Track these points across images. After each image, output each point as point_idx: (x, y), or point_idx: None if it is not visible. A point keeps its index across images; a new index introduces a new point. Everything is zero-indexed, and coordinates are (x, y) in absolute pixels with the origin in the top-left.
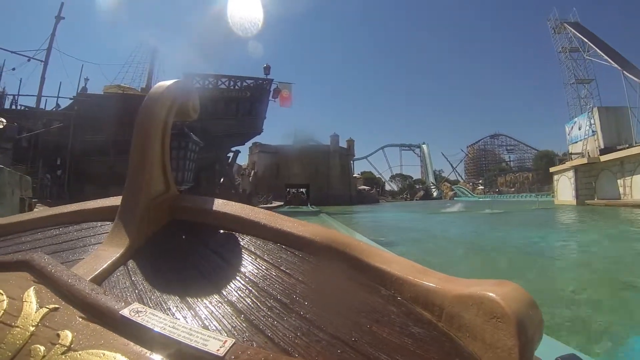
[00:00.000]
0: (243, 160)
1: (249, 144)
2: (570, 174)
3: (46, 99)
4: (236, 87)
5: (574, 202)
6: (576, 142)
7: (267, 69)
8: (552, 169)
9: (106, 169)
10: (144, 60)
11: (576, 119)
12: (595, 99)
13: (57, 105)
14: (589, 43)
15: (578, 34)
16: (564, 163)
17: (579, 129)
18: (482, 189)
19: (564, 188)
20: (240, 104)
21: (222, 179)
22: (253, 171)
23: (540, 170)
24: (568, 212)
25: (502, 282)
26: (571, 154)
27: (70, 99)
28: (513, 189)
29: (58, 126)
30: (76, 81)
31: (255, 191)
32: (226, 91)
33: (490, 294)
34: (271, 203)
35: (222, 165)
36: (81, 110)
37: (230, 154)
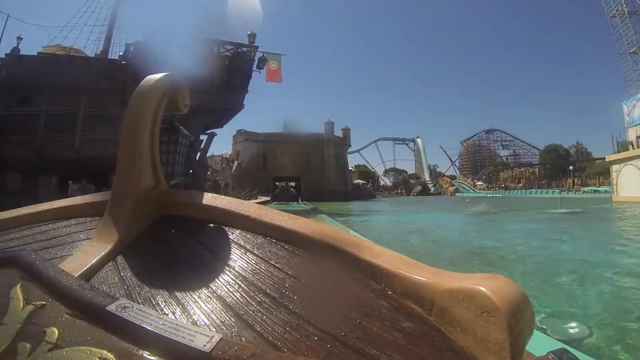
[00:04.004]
0: (226, 149)
1: (231, 130)
2: None
3: None
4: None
5: None
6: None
7: (251, 37)
8: (609, 157)
9: (33, 152)
10: (101, 21)
11: None
12: None
13: None
14: None
15: None
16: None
17: None
18: (480, 184)
19: (631, 181)
20: (215, 72)
21: (190, 170)
22: (237, 162)
23: (547, 165)
24: None
25: (494, 276)
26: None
27: None
28: (520, 185)
29: None
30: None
31: (240, 184)
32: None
33: (482, 288)
34: (256, 198)
35: (191, 151)
36: (7, 76)
37: (204, 137)
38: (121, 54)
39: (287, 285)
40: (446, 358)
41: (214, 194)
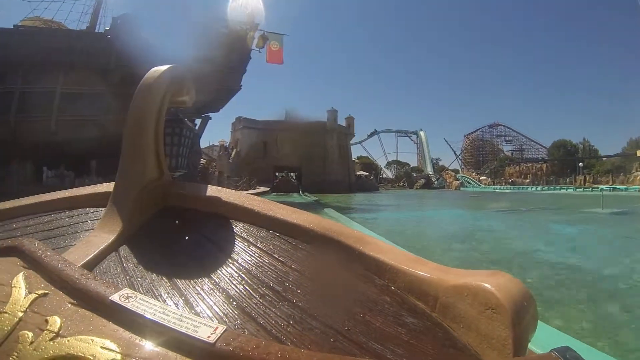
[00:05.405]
0: (226, 138)
1: (230, 117)
2: None
3: None
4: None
5: None
6: None
7: (251, 15)
8: None
9: (6, 134)
10: None
11: None
12: None
13: None
14: None
15: None
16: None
17: None
18: (484, 179)
19: None
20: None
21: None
22: (235, 150)
23: (556, 161)
24: None
25: (497, 272)
26: None
27: None
28: (528, 180)
29: None
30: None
31: (238, 174)
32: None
33: (486, 285)
34: (254, 188)
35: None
36: None
37: (198, 121)
38: (107, 28)
39: (290, 278)
40: (449, 354)
41: (218, 187)
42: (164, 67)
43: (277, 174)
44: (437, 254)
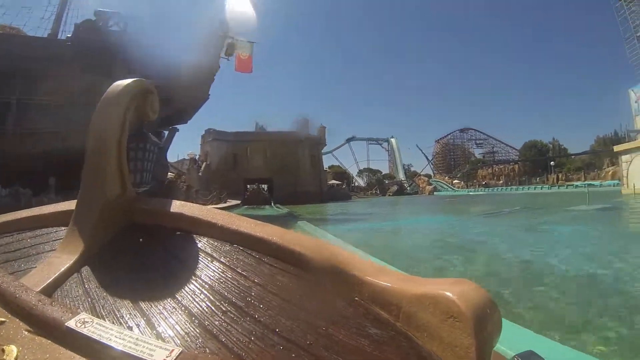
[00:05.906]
0: (194, 150)
1: (199, 128)
2: None
3: None
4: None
5: None
6: None
7: (223, 22)
8: (618, 148)
9: None
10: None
11: None
12: None
13: None
14: None
15: None
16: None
17: None
18: (457, 182)
19: None
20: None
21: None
22: (205, 163)
23: (527, 162)
24: None
25: (460, 280)
26: None
27: None
28: (501, 182)
29: None
30: None
31: (207, 187)
32: None
33: (447, 293)
34: (225, 202)
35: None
36: None
37: (165, 133)
38: (69, 35)
39: (252, 293)
40: None
41: (182, 202)
42: (127, 81)
43: (248, 186)
44: (444, 271)
